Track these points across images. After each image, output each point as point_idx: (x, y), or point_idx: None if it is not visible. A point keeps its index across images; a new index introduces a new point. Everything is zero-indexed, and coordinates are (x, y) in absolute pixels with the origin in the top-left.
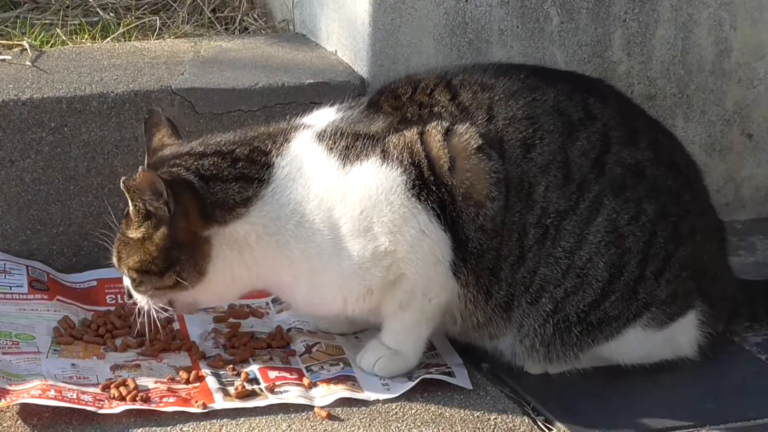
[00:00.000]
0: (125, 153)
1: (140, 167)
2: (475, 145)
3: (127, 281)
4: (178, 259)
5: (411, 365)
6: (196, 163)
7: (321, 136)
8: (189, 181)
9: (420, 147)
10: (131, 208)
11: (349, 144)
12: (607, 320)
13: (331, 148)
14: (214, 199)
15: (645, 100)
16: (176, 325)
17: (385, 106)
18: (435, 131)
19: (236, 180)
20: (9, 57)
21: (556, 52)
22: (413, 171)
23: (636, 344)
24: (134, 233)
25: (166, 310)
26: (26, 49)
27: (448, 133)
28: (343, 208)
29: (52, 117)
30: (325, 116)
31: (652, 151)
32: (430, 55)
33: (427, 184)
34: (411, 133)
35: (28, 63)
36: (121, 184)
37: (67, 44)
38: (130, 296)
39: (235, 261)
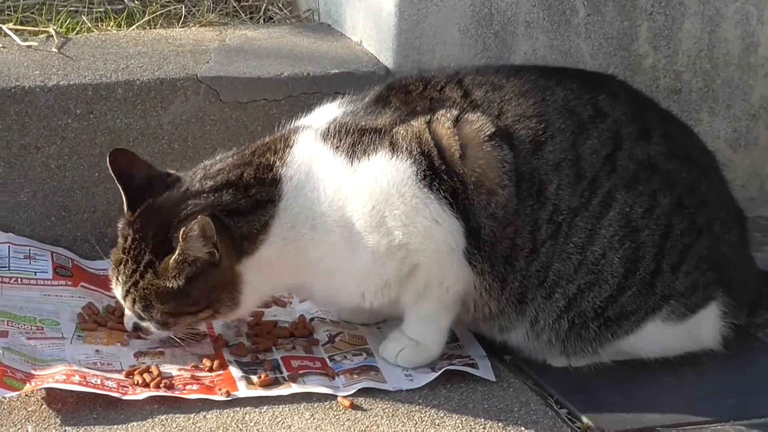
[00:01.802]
0: (150, 140)
1: (199, 216)
2: (487, 133)
3: (144, 323)
4: (218, 299)
5: (433, 356)
6: (217, 200)
7: (325, 135)
8: (220, 219)
9: (428, 136)
10: (178, 257)
11: (355, 140)
12: (625, 315)
13: (338, 147)
14: (240, 233)
15: (670, 94)
16: None
17: (394, 101)
18: (444, 119)
19: (253, 209)
20: (35, 43)
21: (581, 45)
22: (423, 161)
23: (656, 337)
24: (172, 282)
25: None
26: (52, 36)
27: (458, 121)
28: (354, 205)
29: (77, 104)
30: (325, 114)
31: (665, 145)
32: (455, 46)
33: (438, 174)
34: (418, 123)
35: (54, 50)
36: (181, 236)
37: (93, 31)
38: (138, 330)
39: (262, 282)
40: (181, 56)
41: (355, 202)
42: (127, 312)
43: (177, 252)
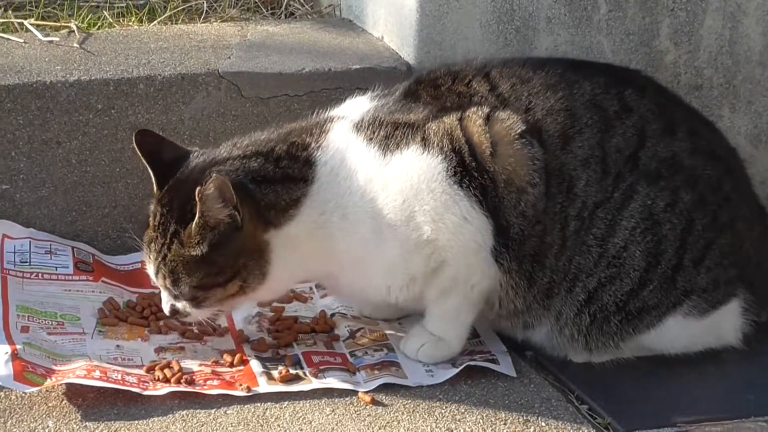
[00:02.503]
0: (171, 136)
1: (213, 174)
2: (518, 131)
3: (180, 303)
4: (245, 266)
5: (454, 352)
6: (242, 166)
7: (359, 127)
8: (244, 184)
9: (460, 133)
10: (198, 220)
11: (388, 133)
12: (647, 309)
13: (371, 139)
14: (267, 201)
15: (691, 90)
16: None
17: (424, 96)
18: (475, 116)
19: (282, 181)
20: (57, 39)
21: (603, 41)
22: (454, 157)
23: (677, 333)
24: (196, 249)
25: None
26: (74, 31)
27: (489, 119)
28: (385, 198)
29: (99, 99)
30: (358, 106)
31: (690, 141)
32: (476, 41)
33: (469, 171)
34: (450, 119)
35: (75, 45)
36: (197, 196)
37: (114, 27)
38: (176, 313)
39: (291, 259)
40: (202, 51)
41: (386, 195)
42: (164, 294)
43: (197, 216)
